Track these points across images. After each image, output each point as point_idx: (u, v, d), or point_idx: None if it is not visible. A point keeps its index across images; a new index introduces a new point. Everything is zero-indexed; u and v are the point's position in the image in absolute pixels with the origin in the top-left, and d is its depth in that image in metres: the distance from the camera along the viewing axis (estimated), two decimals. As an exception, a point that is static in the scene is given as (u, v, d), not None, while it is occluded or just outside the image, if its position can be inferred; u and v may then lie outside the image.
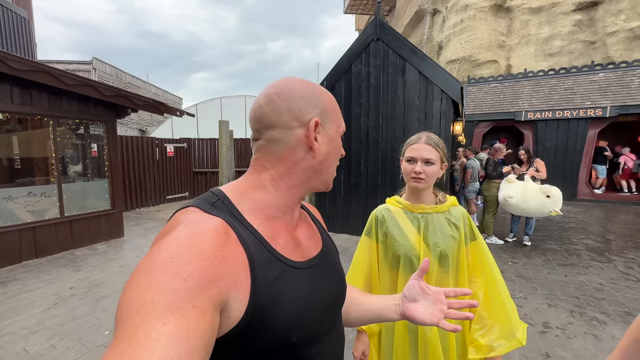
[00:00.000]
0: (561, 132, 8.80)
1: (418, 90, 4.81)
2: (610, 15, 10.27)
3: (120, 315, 0.34)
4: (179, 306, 0.34)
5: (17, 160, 4.94)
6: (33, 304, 3.03)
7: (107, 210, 5.18)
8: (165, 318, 0.33)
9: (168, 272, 0.36)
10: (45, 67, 3.86)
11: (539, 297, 3.14)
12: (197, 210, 0.47)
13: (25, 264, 4.10)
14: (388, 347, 1.12)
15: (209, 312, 0.37)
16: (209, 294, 0.37)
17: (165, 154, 8.60)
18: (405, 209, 1.13)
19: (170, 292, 0.35)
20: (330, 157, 0.58)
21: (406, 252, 1.06)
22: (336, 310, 0.61)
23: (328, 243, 0.65)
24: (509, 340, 0.98)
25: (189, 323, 0.34)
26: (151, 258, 0.38)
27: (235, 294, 0.41)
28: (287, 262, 0.50)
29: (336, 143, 0.59)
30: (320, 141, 0.55)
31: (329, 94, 0.59)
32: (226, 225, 0.45)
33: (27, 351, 2.32)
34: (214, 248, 0.41)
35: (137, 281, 0.36)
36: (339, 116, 0.59)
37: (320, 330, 0.54)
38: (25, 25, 7.87)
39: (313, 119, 0.53)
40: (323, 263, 0.59)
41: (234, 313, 0.42)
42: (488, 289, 1.05)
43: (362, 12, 19.72)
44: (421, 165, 1.05)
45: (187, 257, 0.38)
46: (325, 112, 0.56)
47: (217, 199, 0.50)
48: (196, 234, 0.41)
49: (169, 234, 0.42)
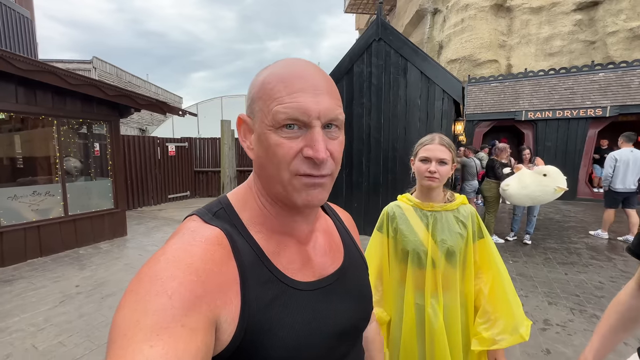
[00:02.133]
0: (561, 131, 8.84)
1: (420, 90, 4.85)
2: (610, 15, 10.30)
3: (110, 338, 0.32)
4: (166, 326, 0.32)
5: (21, 159, 4.98)
6: (40, 302, 3.06)
7: (111, 209, 5.21)
8: (151, 340, 0.30)
9: (153, 290, 0.33)
10: (50, 67, 3.88)
11: (539, 295, 3.18)
12: (197, 219, 0.44)
13: (31, 262, 4.14)
14: (396, 336, 1.17)
15: (201, 330, 0.34)
16: (198, 311, 0.34)
17: (167, 153, 8.62)
18: (415, 206, 1.17)
19: (155, 311, 0.32)
20: (262, 160, 0.44)
21: (414, 247, 1.11)
22: (352, 336, 0.53)
23: (353, 257, 0.57)
24: (512, 334, 1.02)
25: (177, 344, 0.31)
26: (139, 275, 0.36)
27: (225, 313, 0.38)
28: (289, 283, 0.45)
29: (263, 141, 0.43)
30: (253, 141, 0.46)
31: (271, 71, 0.44)
32: (221, 236, 0.42)
33: (36, 348, 2.36)
34: (203, 261, 0.37)
35: (124, 302, 0.34)
36: (270, 100, 0.42)
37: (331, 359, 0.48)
38: (28, 24, 7.89)
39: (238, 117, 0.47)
40: (340, 282, 0.52)
41: (223, 335, 0.38)
42: (494, 285, 1.09)
43: (362, 12, 19.73)
44: (435, 165, 1.09)
45: (172, 272, 0.35)
46: (253, 102, 0.44)
47: (221, 208, 0.46)
48: (187, 246, 0.39)
49: (165, 244, 0.40)
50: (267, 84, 0.43)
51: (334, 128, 0.44)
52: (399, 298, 1.17)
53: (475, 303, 1.13)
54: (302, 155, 0.42)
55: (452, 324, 1.10)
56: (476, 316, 1.11)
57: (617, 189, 4.70)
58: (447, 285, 1.11)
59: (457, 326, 1.10)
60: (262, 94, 0.43)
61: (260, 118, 0.43)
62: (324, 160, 0.41)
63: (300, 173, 0.42)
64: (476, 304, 1.13)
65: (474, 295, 1.13)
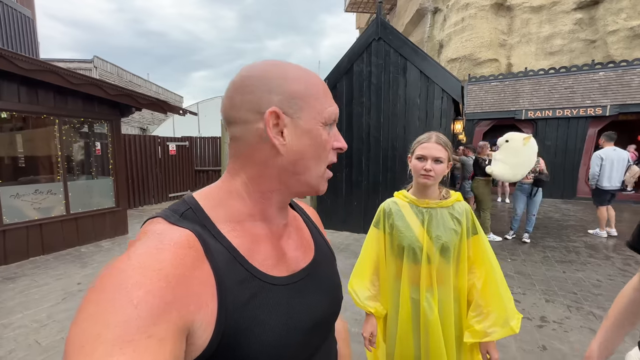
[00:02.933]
0: (561, 130, 8.85)
1: (419, 90, 4.87)
2: (610, 14, 10.29)
3: (66, 353, 0.30)
4: (130, 339, 0.29)
5: (23, 158, 5.02)
6: (42, 299, 3.10)
7: (112, 208, 5.24)
8: (113, 355, 0.28)
9: (116, 299, 0.31)
10: (52, 67, 3.91)
11: (537, 293, 3.20)
12: (163, 221, 0.42)
13: (33, 260, 4.17)
14: (393, 329, 1.20)
15: (169, 340, 0.32)
16: (167, 320, 0.32)
17: (168, 152, 8.66)
18: (411, 202, 1.20)
19: (118, 323, 0.30)
20: (306, 155, 0.47)
21: (410, 243, 1.13)
22: (325, 328, 0.54)
23: (322, 251, 0.59)
24: (503, 327, 1.05)
25: (143, 357, 0.29)
26: (100, 284, 0.33)
27: (199, 318, 0.36)
28: (265, 279, 0.45)
29: (315, 136, 0.47)
30: (288, 135, 0.45)
31: (304, 75, 0.47)
32: (193, 239, 0.40)
33: (40, 343, 2.39)
34: (173, 266, 0.35)
35: (82, 314, 0.31)
36: (319, 101, 0.47)
37: (305, 353, 0.49)
38: (29, 24, 7.93)
39: (269, 109, 0.44)
40: (312, 276, 0.53)
41: (199, 340, 0.37)
42: (486, 279, 1.12)
43: (363, 11, 19.72)
44: (431, 163, 1.12)
45: (138, 279, 0.33)
46: (292, 98, 0.45)
47: (188, 208, 0.44)
48: (154, 250, 0.36)
49: (128, 249, 0.37)
50: (313, 86, 0.47)
51: None
52: (395, 292, 1.20)
53: (468, 297, 1.16)
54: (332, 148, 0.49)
55: (446, 318, 1.13)
56: (469, 310, 1.14)
57: (604, 186, 4.81)
58: (441, 280, 1.13)
59: (450, 319, 1.13)
60: (307, 94, 0.46)
61: (312, 115, 0.46)
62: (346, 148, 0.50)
63: (330, 163, 0.49)
64: (469, 298, 1.16)
65: (467, 289, 1.16)
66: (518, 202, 4.86)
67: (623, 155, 4.69)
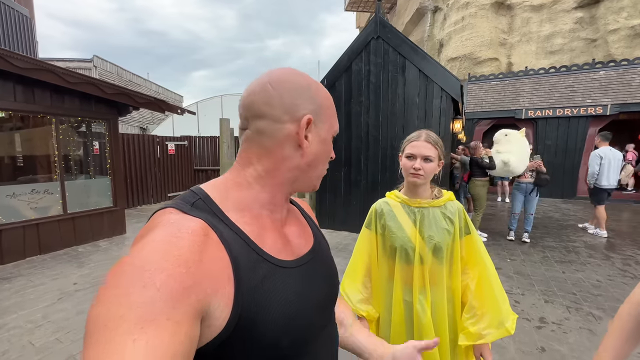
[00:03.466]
0: (561, 130, 8.81)
1: (418, 89, 4.84)
2: (611, 13, 10.24)
3: (88, 331, 0.31)
4: (151, 319, 0.31)
5: (20, 157, 5.00)
6: (38, 299, 3.08)
7: (110, 208, 5.23)
8: (135, 333, 0.30)
9: (139, 282, 0.33)
10: (49, 66, 3.89)
11: (536, 293, 3.18)
12: (175, 211, 0.43)
13: (30, 260, 4.16)
14: (386, 332, 1.17)
15: (185, 323, 0.34)
16: (185, 303, 0.34)
17: (167, 151, 8.64)
18: (403, 202, 1.17)
19: (141, 304, 0.32)
20: (319, 159, 0.55)
21: (402, 243, 1.11)
22: (327, 310, 0.58)
23: (319, 240, 0.63)
24: (498, 329, 1.02)
25: (162, 337, 0.31)
26: (122, 267, 0.35)
27: (216, 300, 0.39)
28: (275, 262, 0.48)
29: (327, 144, 0.56)
30: (311, 140, 0.52)
31: (326, 92, 0.56)
32: (206, 227, 0.42)
33: (33, 344, 2.37)
34: (192, 252, 0.37)
35: (105, 295, 0.33)
36: (333, 116, 0.57)
37: (312, 332, 0.52)
38: (27, 23, 7.90)
39: (306, 116, 0.50)
40: (314, 261, 0.57)
41: (217, 321, 0.39)
42: (480, 280, 1.09)
43: (363, 10, 19.66)
44: (420, 162, 1.09)
45: (160, 264, 0.35)
46: (319, 110, 0.53)
47: (198, 198, 0.47)
48: (172, 237, 0.38)
49: (143, 238, 0.39)
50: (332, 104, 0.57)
51: None
52: (387, 295, 1.17)
53: (462, 298, 1.14)
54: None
55: (439, 320, 1.10)
56: (463, 311, 1.11)
57: (603, 185, 4.87)
58: (434, 281, 1.11)
59: (444, 322, 1.10)
60: (326, 108, 0.55)
61: (328, 127, 0.55)
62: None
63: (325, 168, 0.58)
64: (463, 300, 1.14)
65: (461, 290, 1.13)
66: (516, 202, 4.84)
67: (618, 155, 4.81)
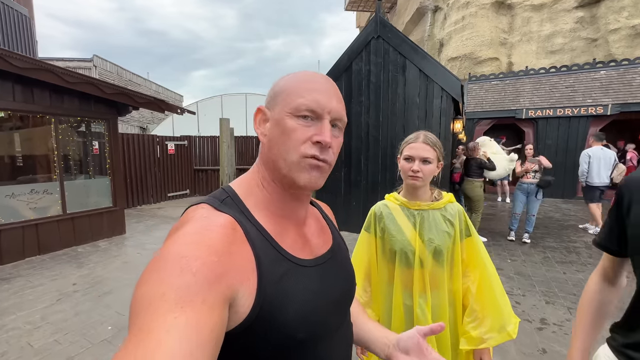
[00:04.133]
0: (562, 129, 8.78)
1: (418, 88, 4.82)
2: (612, 13, 10.21)
3: (133, 311, 0.35)
4: (189, 300, 0.35)
5: (20, 157, 4.99)
6: (37, 300, 3.07)
7: (109, 208, 5.22)
8: (176, 312, 0.33)
9: (177, 267, 0.37)
10: (48, 65, 3.88)
11: (537, 294, 3.16)
12: (207, 207, 0.48)
13: (29, 260, 4.15)
14: None
15: (218, 306, 0.37)
16: (217, 289, 0.38)
17: (166, 151, 8.63)
18: (402, 205, 1.16)
19: (180, 287, 0.35)
20: (274, 142, 0.51)
21: (402, 246, 1.09)
22: (344, 309, 0.60)
23: (338, 241, 0.65)
24: (500, 333, 1.01)
25: (199, 317, 0.34)
26: (161, 255, 0.39)
27: (242, 289, 0.42)
28: (294, 261, 0.50)
29: (282, 125, 0.50)
30: (268, 128, 0.53)
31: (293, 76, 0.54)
32: (234, 222, 0.46)
33: (32, 346, 2.36)
34: (222, 244, 0.41)
35: (148, 278, 0.37)
36: (293, 95, 0.51)
37: (328, 328, 0.54)
38: (26, 22, 7.89)
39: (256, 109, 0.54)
40: (332, 261, 0.58)
41: (242, 308, 0.42)
42: (481, 283, 1.08)
43: (363, 9, 19.63)
44: (419, 164, 1.07)
45: (195, 253, 0.38)
46: (276, 96, 0.53)
47: (227, 196, 0.51)
48: (204, 230, 0.42)
49: (179, 230, 0.43)
50: (292, 81, 0.53)
51: (337, 128, 0.54)
52: (387, 298, 1.16)
53: (463, 302, 1.12)
54: (310, 141, 0.50)
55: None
56: (464, 315, 1.10)
57: (594, 183, 5.04)
58: (435, 285, 1.09)
59: (445, 326, 1.09)
60: (286, 89, 0.52)
61: (281, 107, 0.51)
62: (328, 145, 0.50)
63: (308, 155, 0.50)
64: (464, 303, 1.12)
65: (462, 293, 1.11)
66: (517, 202, 4.81)
67: (609, 154, 4.95)
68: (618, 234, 0.79)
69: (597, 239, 0.88)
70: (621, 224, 0.78)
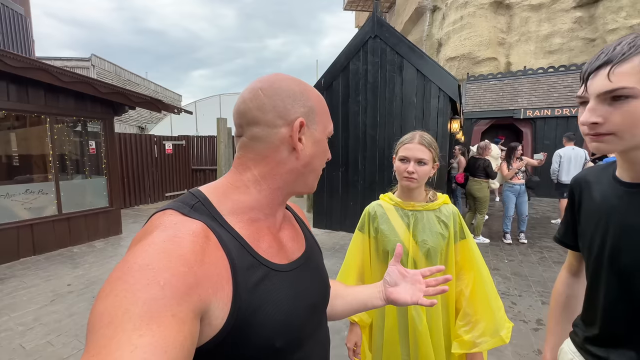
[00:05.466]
0: (560, 129, 8.77)
1: (415, 88, 4.81)
2: (610, 13, 10.23)
3: (92, 327, 0.32)
4: (156, 316, 0.32)
5: (15, 157, 4.95)
6: (30, 301, 3.05)
7: (105, 208, 5.19)
8: (141, 329, 0.31)
9: (144, 279, 0.34)
10: (42, 65, 3.85)
11: (533, 295, 3.16)
12: (175, 213, 0.45)
13: (23, 260, 4.12)
14: (379, 338, 1.14)
15: (188, 320, 0.35)
16: (188, 302, 0.35)
17: (164, 151, 8.59)
18: (396, 205, 1.14)
19: (146, 301, 0.32)
20: (315, 160, 0.56)
21: (395, 247, 1.07)
22: (320, 312, 0.60)
23: (311, 244, 0.65)
24: (493, 337, 1.00)
25: (167, 333, 0.32)
26: (125, 265, 0.36)
27: (216, 300, 0.40)
28: (270, 266, 0.49)
29: (322, 145, 0.56)
30: (305, 142, 0.53)
31: (317, 94, 0.57)
32: (206, 229, 0.44)
33: (24, 347, 2.34)
34: (194, 253, 0.39)
35: (110, 290, 0.34)
36: (326, 117, 0.57)
37: (305, 333, 0.53)
38: (22, 21, 7.84)
39: (298, 119, 0.51)
40: (306, 265, 0.58)
41: (216, 320, 0.40)
42: (475, 286, 1.06)
43: (361, 9, 19.61)
44: (414, 165, 1.06)
45: (164, 264, 0.36)
46: (312, 112, 0.54)
47: (197, 201, 0.48)
48: (174, 238, 0.39)
49: (145, 238, 0.40)
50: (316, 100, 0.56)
51: None
52: (380, 299, 1.14)
53: (456, 305, 1.11)
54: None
55: (434, 326, 1.08)
56: (457, 318, 1.09)
57: (564, 181, 5.21)
58: None
59: (439, 328, 1.07)
60: (316, 108, 0.55)
61: (322, 128, 0.56)
62: None
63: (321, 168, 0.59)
64: (457, 306, 1.11)
65: (455, 296, 1.10)
66: (509, 203, 4.79)
67: (580, 153, 5.15)
68: (573, 229, 0.82)
69: (556, 235, 0.91)
70: (574, 220, 0.81)
